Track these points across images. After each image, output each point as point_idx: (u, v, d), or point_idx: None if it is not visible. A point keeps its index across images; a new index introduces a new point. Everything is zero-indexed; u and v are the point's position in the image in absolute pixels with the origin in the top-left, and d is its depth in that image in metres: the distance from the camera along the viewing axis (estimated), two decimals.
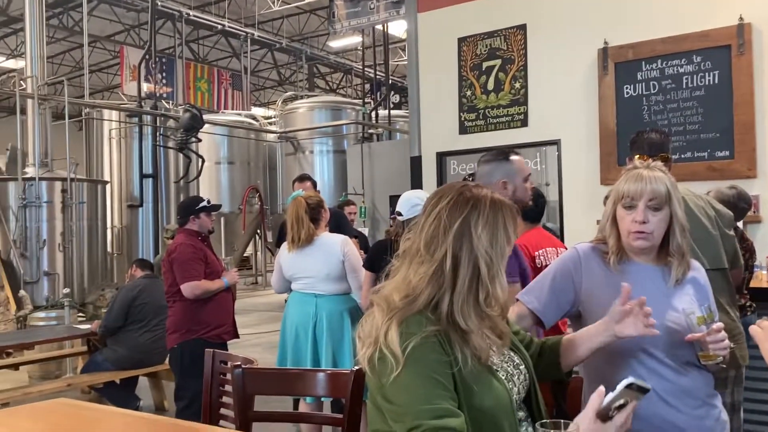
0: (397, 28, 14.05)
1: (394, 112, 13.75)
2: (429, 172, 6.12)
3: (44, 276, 9.07)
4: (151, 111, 11.79)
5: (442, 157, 6.10)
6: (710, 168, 4.79)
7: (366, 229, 8.91)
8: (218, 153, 14.33)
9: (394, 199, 3.70)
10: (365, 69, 14.56)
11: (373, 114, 13.12)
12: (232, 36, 16.95)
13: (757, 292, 3.44)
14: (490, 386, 1.38)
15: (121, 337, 5.01)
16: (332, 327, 3.72)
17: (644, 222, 1.75)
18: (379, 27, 12.61)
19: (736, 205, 3.43)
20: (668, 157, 2.69)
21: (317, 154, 13.51)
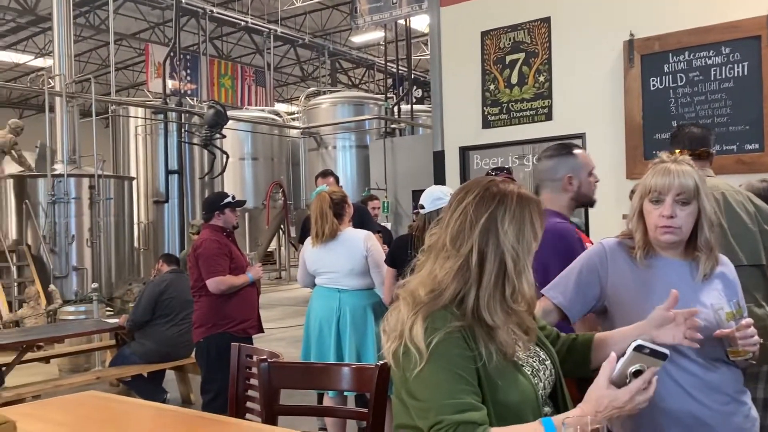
0: (420, 23, 14.00)
1: (416, 107, 13.70)
2: (452, 166, 6.09)
3: (73, 271, 9.22)
4: (176, 108, 11.90)
5: (465, 152, 6.06)
6: (739, 161, 4.70)
7: (389, 224, 8.91)
8: (242, 149, 14.41)
9: (416, 194, 3.71)
10: (387, 64, 14.52)
11: (396, 109, 13.11)
12: (256, 32, 17.05)
13: None
14: (516, 381, 1.38)
15: (149, 330, 5.09)
16: (356, 322, 3.73)
17: (672, 216, 1.72)
18: (402, 21, 12.56)
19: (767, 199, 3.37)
20: (710, 153, 2.65)
21: (340, 150, 13.52)
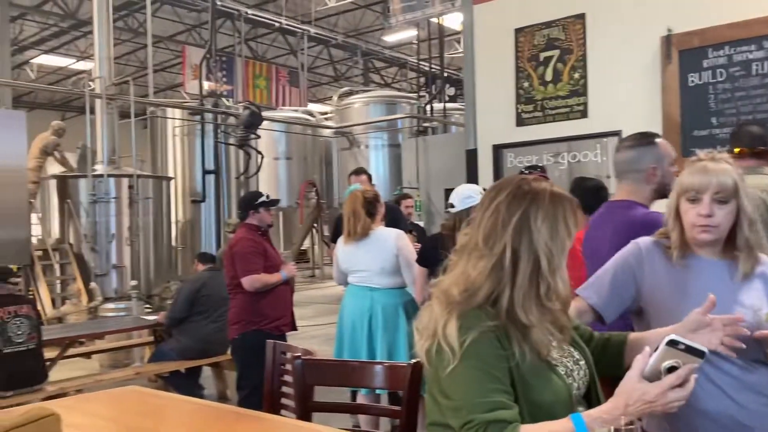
0: (453, 21, 13.93)
1: (449, 105, 13.64)
2: (485, 165, 6.06)
3: (113, 269, 9.41)
4: (213, 109, 12.07)
5: (498, 150, 6.03)
6: None
7: (421, 223, 8.90)
8: (276, 149, 14.54)
9: (449, 193, 3.70)
10: (420, 62, 14.49)
11: (428, 107, 13.06)
12: (289, 33, 17.18)
13: None
14: (549, 381, 1.37)
15: (186, 327, 5.18)
16: (387, 320, 3.73)
17: (710, 215, 1.69)
18: (434, 20, 12.53)
19: None
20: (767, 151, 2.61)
21: (372, 149, 13.54)
